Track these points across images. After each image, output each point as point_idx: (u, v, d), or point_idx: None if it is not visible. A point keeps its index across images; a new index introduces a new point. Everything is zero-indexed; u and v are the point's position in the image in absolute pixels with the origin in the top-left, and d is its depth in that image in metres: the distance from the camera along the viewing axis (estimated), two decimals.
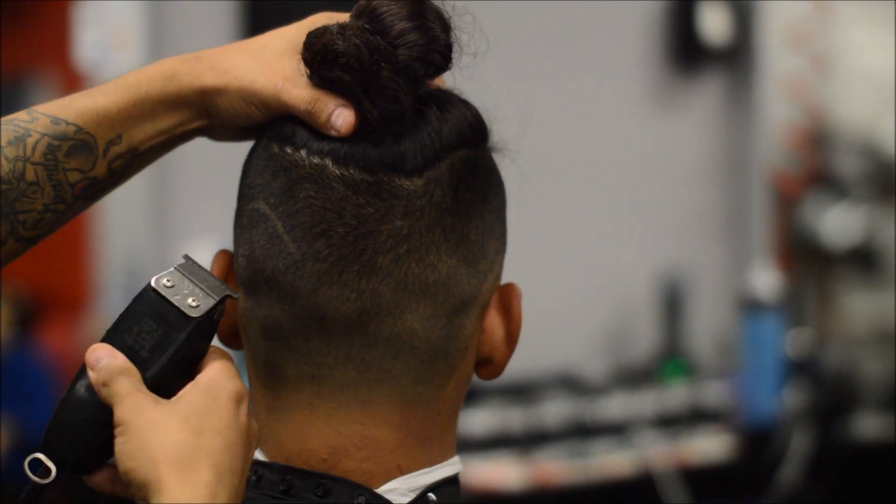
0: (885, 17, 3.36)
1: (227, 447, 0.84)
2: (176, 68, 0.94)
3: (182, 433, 0.83)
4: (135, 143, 0.94)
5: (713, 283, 3.20)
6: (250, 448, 0.86)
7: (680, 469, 2.78)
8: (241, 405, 0.86)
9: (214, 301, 0.88)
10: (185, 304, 0.88)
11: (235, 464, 0.84)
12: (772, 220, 3.27)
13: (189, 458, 0.82)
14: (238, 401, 0.86)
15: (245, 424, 0.86)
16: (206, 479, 0.82)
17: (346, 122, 0.89)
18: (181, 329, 0.87)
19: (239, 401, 0.86)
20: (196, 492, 0.82)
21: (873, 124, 3.32)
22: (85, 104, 0.94)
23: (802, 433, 2.91)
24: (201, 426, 0.84)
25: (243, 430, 0.85)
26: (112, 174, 0.95)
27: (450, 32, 0.91)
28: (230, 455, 0.84)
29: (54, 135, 0.93)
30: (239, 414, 0.85)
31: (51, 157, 0.93)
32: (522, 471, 2.69)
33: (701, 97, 3.21)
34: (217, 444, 0.84)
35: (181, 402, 0.85)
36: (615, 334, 3.13)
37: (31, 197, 0.93)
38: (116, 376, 0.85)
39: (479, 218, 0.92)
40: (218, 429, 0.84)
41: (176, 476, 0.82)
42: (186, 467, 0.82)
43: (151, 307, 0.88)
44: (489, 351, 0.94)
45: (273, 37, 0.95)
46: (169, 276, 0.89)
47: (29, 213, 0.93)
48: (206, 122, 0.96)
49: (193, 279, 0.89)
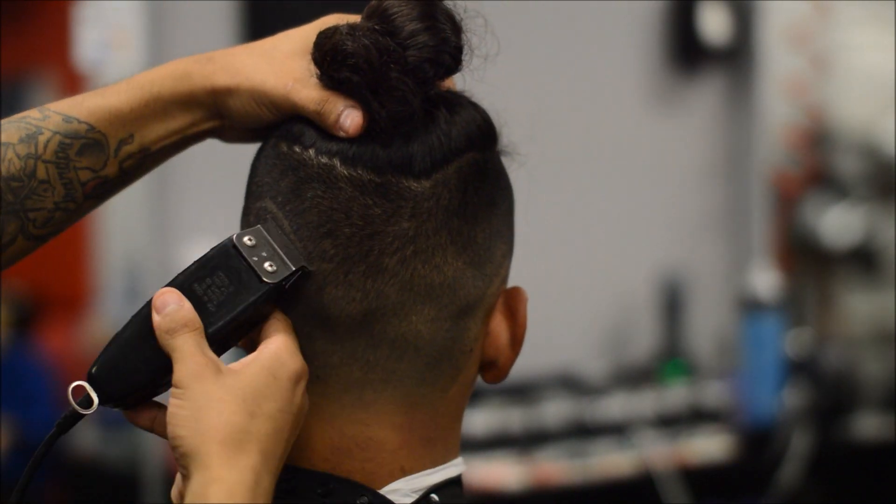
0: (885, 17, 3.36)
1: (276, 431, 0.85)
2: (188, 68, 0.94)
3: (237, 415, 0.83)
4: (146, 142, 0.95)
5: (713, 283, 3.20)
6: (297, 428, 0.87)
7: (680, 469, 2.78)
8: (299, 385, 0.87)
9: (291, 270, 0.87)
10: (262, 268, 0.87)
11: (280, 448, 0.85)
12: (772, 220, 3.27)
13: (240, 440, 0.83)
14: (297, 380, 0.86)
15: (299, 406, 0.87)
16: (253, 463, 0.83)
17: (355, 123, 0.89)
18: (253, 292, 0.87)
19: (297, 380, 0.86)
20: (242, 476, 0.82)
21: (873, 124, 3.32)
22: (97, 103, 0.94)
23: (802, 433, 2.91)
24: (257, 408, 0.84)
25: (295, 413, 0.86)
26: (123, 174, 0.95)
27: (461, 34, 0.90)
28: (278, 439, 0.85)
29: (66, 133, 0.93)
30: (295, 395, 0.86)
31: (62, 156, 0.93)
32: (522, 471, 2.69)
33: (701, 97, 3.21)
34: (268, 428, 0.84)
35: (241, 377, 0.85)
36: (615, 334, 3.13)
37: (42, 195, 0.93)
38: (181, 328, 0.86)
39: (487, 221, 0.92)
40: (272, 413, 0.85)
41: (224, 456, 0.82)
42: (236, 449, 0.83)
43: (228, 262, 0.87)
44: (493, 354, 0.94)
45: (284, 38, 0.95)
46: (251, 235, 0.88)
47: (39, 211, 0.93)
48: (217, 123, 0.96)
49: (275, 243, 0.88)
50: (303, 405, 0.87)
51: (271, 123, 0.93)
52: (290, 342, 0.87)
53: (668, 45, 3.15)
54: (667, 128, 3.17)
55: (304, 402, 0.87)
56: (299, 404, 0.86)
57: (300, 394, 0.87)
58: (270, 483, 0.84)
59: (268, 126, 0.93)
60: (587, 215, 3.09)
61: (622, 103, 3.14)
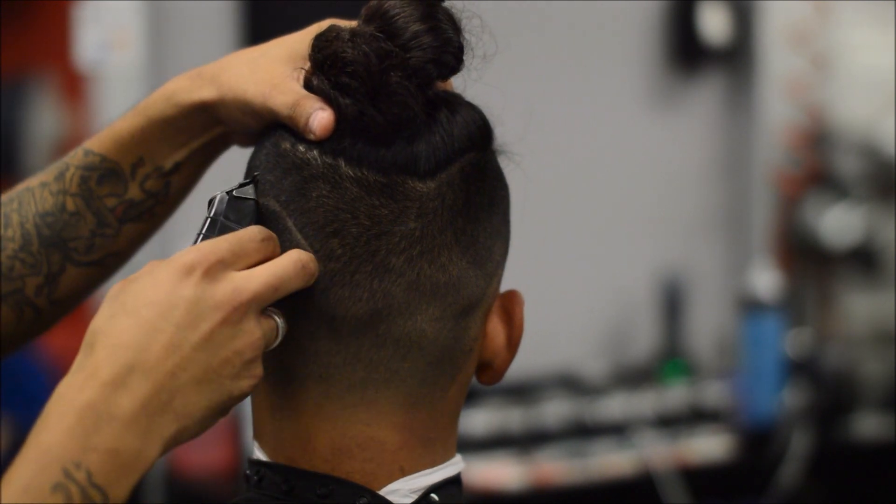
0: (885, 17, 3.36)
1: (137, 326, 0.81)
2: (176, 87, 0.98)
3: (100, 317, 0.83)
4: (158, 163, 1.00)
5: (713, 283, 3.20)
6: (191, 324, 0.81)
7: (680, 469, 2.78)
8: (189, 276, 0.83)
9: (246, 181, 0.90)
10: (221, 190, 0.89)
11: (148, 342, 0.81)
12: (772, 220, 3.27)
13: (91, 343, 0.82)
14: (183, 271, 0.83)
15: (186, 298, 0.82)
16: (96, 359, 0.81)
17: (321, 126, 0.89)
18: (209, 209, 0.89)
19: (185, 272, 0.83)
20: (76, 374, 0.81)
21: (873, 124, 3.32)
22: (107, 134, 1.01)
23: (802, 433, 2.91)
24: (119, 307, 0.82)
25: (178, 306, 0.81)
26: (150, 194, 1.01)
27: (461, 34, 0.91)
28: (139, 332, 0.81)
29: (85, 166, 1.01)
30: (180, 286, 0.82)
31: (85, 188, 1.01)
32: (522, 471, 2.69)
33: (701, 97, 3.21)
34: (125, 324, 0.81)
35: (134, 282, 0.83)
36: (615, 334, 3.13)
37: (76, 225, 1.01)
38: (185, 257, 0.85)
39: (488, 220, 0.92)
40: (134, 308, 0.82)
41: (81, 354, 0.82)
42: (88, 347, 0.82)
43: None
44: (490, 356, 0.95)
45: (275, 44, 0.96)
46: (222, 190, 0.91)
47: (78, 240, 1.01)
48: (221, 131, 0.98)
49: None
50: (198, 298, 0.82)
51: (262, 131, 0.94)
52: (200, 244, 0.85)
53: (668, 45, 3.15)
54: (667, 128, 3.17)
55: (205, 294, 0.82)
56: (187, 296, 0.82)
57: (191, 285, 0.82)
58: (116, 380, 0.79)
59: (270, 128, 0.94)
60: (587, 215, 3.09)
61: (622, 103, 3.14)
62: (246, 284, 0.84)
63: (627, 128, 3.15)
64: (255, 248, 0.86)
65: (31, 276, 1.02)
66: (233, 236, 0.86)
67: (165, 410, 0.81)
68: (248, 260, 0.85)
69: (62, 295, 1.03)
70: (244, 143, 1.00)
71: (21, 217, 1.02)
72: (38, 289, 1.03)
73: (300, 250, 0.87)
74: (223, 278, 0.83)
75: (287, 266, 0.86)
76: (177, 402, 0.81)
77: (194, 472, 2.60)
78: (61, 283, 1.02)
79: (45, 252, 1.02)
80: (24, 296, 1.03)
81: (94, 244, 1.02)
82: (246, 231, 0.87)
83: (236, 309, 0.83)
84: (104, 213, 1.01)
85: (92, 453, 0.78)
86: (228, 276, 0.84)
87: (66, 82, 3.84)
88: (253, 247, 0.86)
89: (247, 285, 0.84)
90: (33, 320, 1.04)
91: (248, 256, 0.85)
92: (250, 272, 0.85)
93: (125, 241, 1.03)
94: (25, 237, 1.02)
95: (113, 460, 0.78)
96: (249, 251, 0.85)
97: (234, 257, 0.85)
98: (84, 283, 1.03)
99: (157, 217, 1.04)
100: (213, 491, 2.54)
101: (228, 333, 0.83)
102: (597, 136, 3.10)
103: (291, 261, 0.86)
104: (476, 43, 0.91)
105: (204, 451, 2.56)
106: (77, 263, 1.02)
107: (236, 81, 0.94)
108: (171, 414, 0.81)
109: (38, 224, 1.01)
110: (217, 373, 0.83)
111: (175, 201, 1.04)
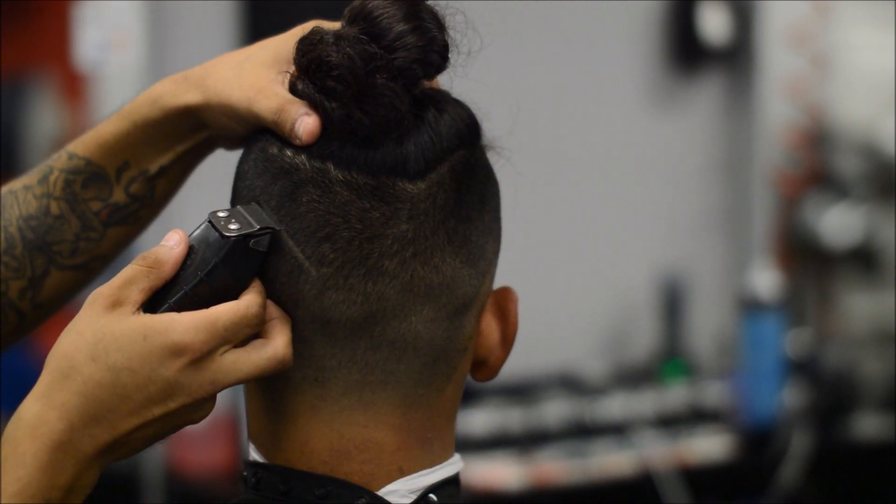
0: (885, 17, 3.36)
1: (111, 384, 0.83)
2: (161, 91, 0.97)
3: (79, 352, 0.84)
4: (143, 166, 0.99)
5: (713, 283, 3.20)
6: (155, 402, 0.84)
7: (680, 469, 2.77)
8: (174, 359, 0.84)
9: (254, 228, 0.87)
10: (227, 228, 0.87)
11: (115, 403, 0.83)
12: (772, 220, 3.27)
13: (66, 374, 0.84)
14: (172, 354, 0.84)
15: (165, 379, 0.83)
16: (65, 401, 0.83)
17: (307, 131, 0.88)
18: (216, 251, 0.87)
19: (173, 354, 0.84)
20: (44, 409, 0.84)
21: (873, 124, 3.31)
22: (92, 137, 1.00)
23: (802, 433, 2.91)
24: (102, 354, 0.83)
25: (157, 383, 0.83)
26: (135, 198, 1.00)
27: (445, 31, 0.90)
28: (112, 393, 0.83)
29: (69, 170, 1.00)
30: (162, 366, 0.83)
31: (69, 192, 1.00)
32: (522, 471, 2.69)
33: (701, 97, 3.21)
34: (103, 377, 0.83)
35: (117, 324, 0.84)
36: (615, 334, 3.13)
37: (60, 229, 1.00)
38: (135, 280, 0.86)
39: (479, 219, 0.92)
40: (115, 364, 0.83)
41: (45, 384, 0.85)
42: (60, 379, 0.84)
43: (202, 233, 0.88)
44: (484, 353, 0.95)
45: (259, 47, 0.95)
46: (227, 210, 0.90)
47: (62, 244, 1.00)
48: (207, 134, 0.97)
49: (250, 217, 0.89)
50: (176, 383, 0.84)
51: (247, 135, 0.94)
52: (198, 319, 0.85)
53: (667, 44, 3.15)
54: (667, 127, 3.17)
55: (184, 381, 0.84)
56: (167, 378, 0.83)
57: (174, 369, 0.83)
58: (84, 426, 0.83)
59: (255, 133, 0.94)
60: (587, 215, 3.09)
61: (622, 103, 3.14)
62: (224, 378, 0.86)
63: (627, 127, 3.14)
64: (250, 326, 0.87)
65: (15, 279, 1.01)
66: (234, 314, 0.86)
67: (115, 450, 0.85)
68: (239, 339, 0.87)
69: (46, 298, 1.03)
70: (230, 147, 0.99)
71: (4, 221, 1.01)
72: (22, 292, 1.02)
73: (287, 336, 0.88)
74: (206, 368, 0.85)
75: (267, 367, 0.87)
76: (129, 445, 0.86)
77: (194, 472, 2.60)
78: (45, 286, 1.02)
79: (29, 256, 1.01)
80: (8, 299, 1.02)
81: (78, 248, 1.01)
82: (248, 307, 0.87)
83: (207, 395, 0.86)
84: (89, 217, 1.00)
85: (57, 491, 0.83)
86: (213, 364, 0.85)
87: (66, 82, 3.84)
88: (247, 330, 0.87)
89: (224, 379, 0.86)
90: (16, 324, 1.04)
91: (241, 336, 0.87)
92: (234, 363, 0.86)
93: (109, 244, 1.02)
94: (9, 241, 1.01)
95: (66, 497, 0.84)
96: (243, 333, 0.87)
97: (225, 342, 0.86)
98: (68, 287, 1.02)
99: (142, 220, 1.03)
100: (213, 491, 2.54)
101: (191, 407, 0.86)
102: (597, 136, 3.10)
103: (276, 360, 0.87)
104: (461, 40, 0.91)
105: (203, 451, 2.56)
106: (61, 267, 1.01)
107: (221, 86, 0.94)
108: (121, 450, 0.86)
109: (22, 227, 1.01)
110: (171, 423, 0.86)
111: (160, 204, 1.03)
